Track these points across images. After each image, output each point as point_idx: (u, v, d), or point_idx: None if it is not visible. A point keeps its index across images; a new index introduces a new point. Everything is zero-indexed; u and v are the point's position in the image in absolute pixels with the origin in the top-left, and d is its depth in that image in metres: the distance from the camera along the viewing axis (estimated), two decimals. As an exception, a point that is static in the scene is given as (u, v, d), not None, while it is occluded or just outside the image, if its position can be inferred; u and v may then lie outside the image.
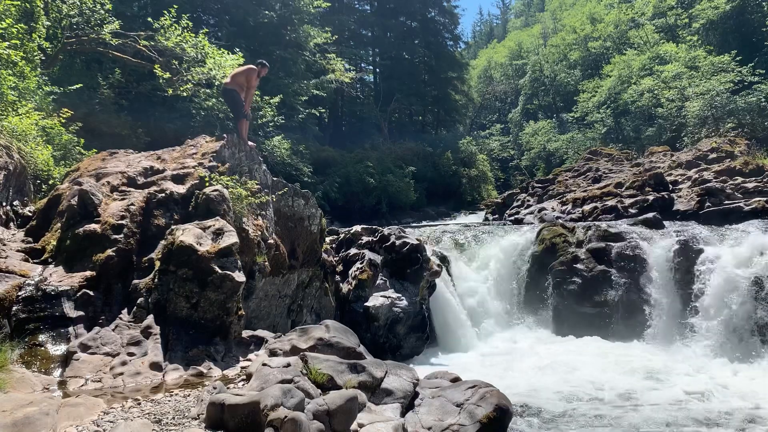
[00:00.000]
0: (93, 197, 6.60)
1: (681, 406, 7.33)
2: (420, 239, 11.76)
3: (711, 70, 24.44)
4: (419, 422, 4.52)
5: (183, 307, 5.85)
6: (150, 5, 18.03)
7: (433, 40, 39.94)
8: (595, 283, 11.40)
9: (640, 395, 7.74)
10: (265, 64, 8.88)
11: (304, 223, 9.42)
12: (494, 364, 9.58)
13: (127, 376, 5.10)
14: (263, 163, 8.99)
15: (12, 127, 8.11)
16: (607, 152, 25.25)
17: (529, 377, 8.61)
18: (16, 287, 5.61)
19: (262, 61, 8.95)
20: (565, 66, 40.68)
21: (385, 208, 27.45)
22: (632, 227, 12.38)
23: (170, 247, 6.03)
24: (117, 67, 15.33)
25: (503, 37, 64.02)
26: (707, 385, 8.11)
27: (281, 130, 20.47)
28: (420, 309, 10.60)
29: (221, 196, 6.95)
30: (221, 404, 3.87)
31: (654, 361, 9.38)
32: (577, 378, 8.52)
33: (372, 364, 5.23)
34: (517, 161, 40.35)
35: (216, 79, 13.35)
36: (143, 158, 7.98)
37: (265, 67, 8.84)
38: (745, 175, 15.68)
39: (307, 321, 9.06)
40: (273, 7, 23.24)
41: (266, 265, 7.66)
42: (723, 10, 27.23)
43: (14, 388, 4.39)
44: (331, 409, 4.04)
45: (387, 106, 37.11)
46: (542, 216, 16.86)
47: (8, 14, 9.65)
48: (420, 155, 33.47)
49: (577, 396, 7.76)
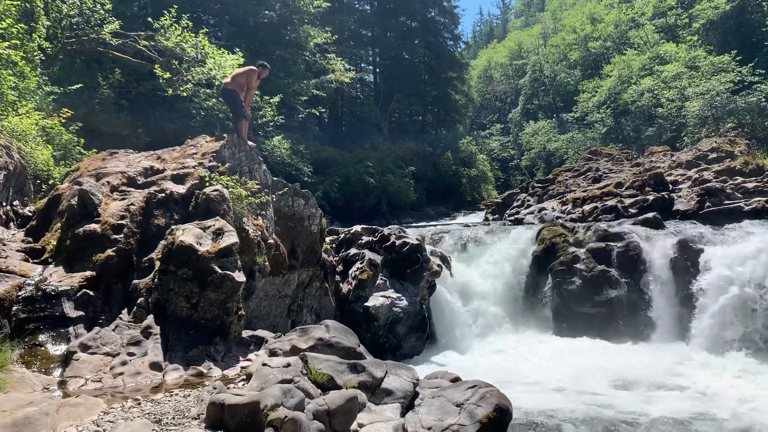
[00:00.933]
0: (93, 197, 6.60)
1: (681, 406, 7.33)
2: (420, 239, 11.76)
3: (711, 70, 24.43)
4: (419, 422, 4.51)
5: (183, 307, 5.84)
6: (150, 5, 18.03)
7: (433, 40, 39.93)
8: (595, 283, 11.40)
9: (640, 395, 7.74)
10: (266, 66, 8.88)
11: (304, 223, 9.42)
12: (494, 363, 9.58)
13: (127, 376, 5.10)
14: (263, 163, 8.99)
15: (12, 127, 8.11)
16: (607, 152, 25.24)
17: (529, 377, 8.61)
18: (16, 287, 5.61)
19: (263, 62, 8.94)
20: (565, 66, 40.67)
21: (385, 208, 27.45)
22: (632, 227, 12.38)
23: (170, 247, 6.03)
24: (117, 67, 15.32)
25: (503, 37, 64.04)
26: (707, 385, 8.12)
27: (281, 130, 20.45)
28: (420, 309, 10.61)
29: (221, 196, 6.95)
30: (221, 404, 3.87)
31: (654, 362, 9.39)
32: (577, 378, 8.52)
33: (372, 364, 5.22)
34: (517, 161, 40.35)
35: (216, 79, 13.34)
36: (143, 158, 7.98)
37: (266, 68, 8.84)
38: (745, 175, 15.67)
39: (307, 321, 9.06)
40: (273, 7, 23.23)
41: (266, 265, 7.66)
42: (723, 10, 27.22)
43: (14, 388, 4.39)
44: (331, 409, 4.04)
45: (387, 106, 37.12)
46: (542, 216, 16.85)
47: (8, 14, 9.65)
48: (420, 155, 33.48)
49: (576, 396, 7.75)
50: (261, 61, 8.97)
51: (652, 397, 7.65)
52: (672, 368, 8.95)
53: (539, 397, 7.73)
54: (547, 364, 9.33)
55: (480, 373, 7.15)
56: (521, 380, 8.43)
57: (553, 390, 8.01)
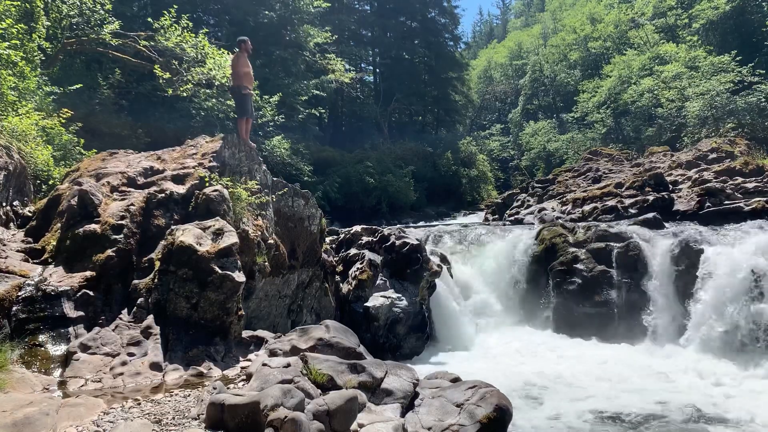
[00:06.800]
0: (93, 197, 6.60)
1: (681, 406, 7.33)
2: (420, 239, 11.76)
3: (711, 70, 24.43)
4: (419, 422, 4.51)
5: (183, 307, 5.84)
6: (150, 5, 18.05)
7: (433, 40, 39.92)
8: (595, 283, 11.40)
9: (640, 396, 7.73)
10: (245, 40, 8.83)
11: (304, 223, 9.42)
12: (494, 363, 9.58)
13: (127, 377, 5.10)
14: (263, 163, 8.99)
15: (12, 128, 8.12)
16: (607, 152, 25.24)
17: (529, 377, 8.60)
18: (16, 287, 5.61)
19: (240, 39, 8.88)
20: (565, 66, 40.67)
21: (385, 208, 27.45)
22: (632, 227, 12.38)
23: (170, 247, 6.03)
24: (117, 67, 15.33)
25: (503, 37, 64.02)
26: (707, 386, 8.12)
27: (281, 130, 20.46)
28: (420, 309, 10.60)
29: (221, 197, 6.95)
30: (221, 404, 3.87)
31: (654, 362, 9.39)
32: (577, 378, 8.52)
33: (372, 364, 5.22)
34: (517, 161, 40.35)
35: (216, 79, 13.35)
36: (143, 158, 7.98)
37: (245, 42, 8.80)
38: (745, 175, 15.66)
39: (307, 321, 9.06)
40: (273, 7, 23.23)
41: (266, 266, 7.66)
42: (723, 11, 27.22)
43: (14, 388, 4.39)
44: (331, 410, 4.04)
45: (387, 106, 37.12)
46: (542, 216, 16.85)
47: (8, 14, 9.65)
48: (420, 155, 33.47)
49: (576, 396, 7.76)
50: (239, 38, 8.93)
51: (653, 398, 7.64)
52: (672, 368, 8.94)
53: (539, 397, 7.73)
54: (547, 363, 9.33)
55: (480, 373, 7.15)
56: (521, 380, 8.42)
57: (553, 390, 8.00)
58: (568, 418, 6.96)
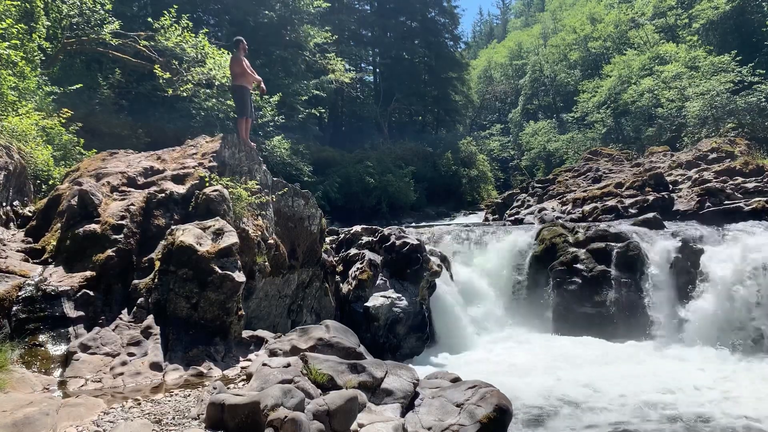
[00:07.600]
0: (93, 197, 6.60)
1: (681, 406, 7.33)
2: (420, 239, 11.76)
3: (711, 70, 24.43)
4: (419, 422, 4.51)
5: (183, 307, 5.84)
6: (150, 5, 18.04)
7: (433, 40, 39.93)
8: (595, 283, 11.40)
9: (639, 396, 7.73)
10: (240, 39, 8.90)
11: (304, 223, 9.42)
12: (494, 363, 9.58)
13: (127, 377, 5.10)
14: (263, 163, 8.99)
15: (12, 127, 8.12)
16: (607, 152, 25.23)
17: (529, 377, 8.61)
18: (16, 287, 5.61)
19: (236, 39, 8.96)
20: (565, 66, 40.68)
21: (385, 208, 27.45)
22: (632, 227, 12.38)
23: (170, 247, 6.03)
24: (117, 67, 15.33)
25: (503, 37, 64.02)
26: (708, 385, 8.11)
27: (281, 130, 20.45)
28: (420, 309, 10.60)
29: (221, 196, 6.95)
30: (221, 404, 3.87)
31: (654, 362, 9.39)
32: (577, 378, 8.51)
33: (372, 364, 5.22)
34: (517, 161, 40.35)
35: (216, 79, 13.35)
36: (143, 158, 7.98)
37: (240, 42, 8.86)
38: (745, 175, 15.66)
39: (307, 321, 9.06)
40: (273, 7, 23.22)
41: (266, 265, 7.66)
42: (723, 10, 27.23)
43: (14, 388, 4.39)
44: (331, 409, 4.04)
45: (387, 106, 37.12)
46: (542, 216, 16.85)
47: (8, 14, 9.66)
48: (420, 155, 33.47)
49: (576, 396, 7.75)
50: (235, 39, 9.01)
51: (653, 398, 7.64)
52: (672, 368, 8.94)
53: (539, 397, 7.72)
54: (548, 363, 9.32)
55: (480, 373, 7.15)
56: (521, 380, 8.42)
57: (553, 390, 7.99)
58: (567, 418, 6.96)
